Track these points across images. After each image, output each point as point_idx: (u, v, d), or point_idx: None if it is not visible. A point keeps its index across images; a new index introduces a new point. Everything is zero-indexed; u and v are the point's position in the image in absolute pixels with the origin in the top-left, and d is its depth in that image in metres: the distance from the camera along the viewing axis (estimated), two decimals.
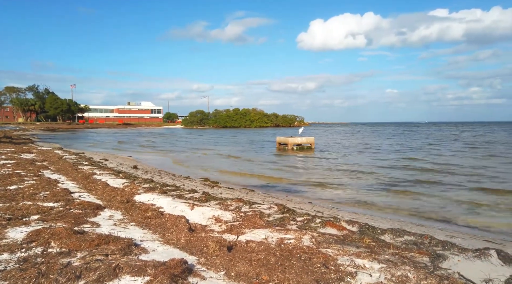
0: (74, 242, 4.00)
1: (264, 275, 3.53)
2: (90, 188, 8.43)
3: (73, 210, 5.86)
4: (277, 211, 6.73)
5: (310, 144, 31.22)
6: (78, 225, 4.95)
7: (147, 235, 4.84)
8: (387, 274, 3.65)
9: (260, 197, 9.83)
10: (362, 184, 13.83)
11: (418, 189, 12.47)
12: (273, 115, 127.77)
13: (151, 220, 5.63)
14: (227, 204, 7.16)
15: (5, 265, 3.42)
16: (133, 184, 8.91)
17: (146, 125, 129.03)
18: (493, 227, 7.97)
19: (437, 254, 4.36)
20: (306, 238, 4.81)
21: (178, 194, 8.15)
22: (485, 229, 7.82)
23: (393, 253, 4.34)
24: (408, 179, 14.56)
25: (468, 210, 9.52)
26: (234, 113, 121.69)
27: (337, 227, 5.53)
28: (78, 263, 3.50)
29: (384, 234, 5.27)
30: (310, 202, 10.03)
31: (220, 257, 3.98)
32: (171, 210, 6.33)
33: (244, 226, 5.44)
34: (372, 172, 17.05)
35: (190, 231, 5.03)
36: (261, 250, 4.31)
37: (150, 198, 7.23)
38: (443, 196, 11.29)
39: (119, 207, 6.52)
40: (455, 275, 3.77)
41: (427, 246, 4.78)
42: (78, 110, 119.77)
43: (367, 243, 4.74)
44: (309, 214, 6.56)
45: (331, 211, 8.27)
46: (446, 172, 16.58)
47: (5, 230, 4.53)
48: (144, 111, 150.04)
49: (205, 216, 6.07)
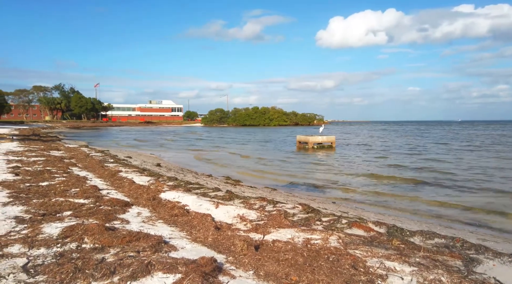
0: (106, 238, 4.11)
1: (293, 275, 3.52)
2: (117, 185, 8.64)
3: (103, 206, 6.02)
4: (301, 211, 6.69)
5: (331, 143, 30.89)
6: (109, 221, 5.08)
7: (175, 233, 4.92)
8: (419, 278, 3.57)
9: (283, 196, 9.81)
10: (386, 184, 13.57)
11: (447, 192, 12.12)
12: (292, 113, 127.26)
13: (177, 218, 5.71)
14: (251, 203, 7.18)
15: (43, 260, 3.55)
16: (158, 182, 9.07)
17: (167, 123, 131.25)
18: None
19: (470, 258, 4.23)
20: (333, 239, 4.77)
21: (202, 192, 8.24)
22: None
23: (424, 256, 4.23)
24: (432, 182, 14.19)
25: (496, 212, 9.18)
26: (253, 111, 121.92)
27: (364, 228, 5.45)
28: (111, 259, 3.60)
29: (413, 236, 5.15)
30: (334, 202, 9.93)
31: (248, 256, 3.99)
32: (196, 208, 6.41)
33: (270, 225, 5.44)
34: (397, 172, 16.72)
35: (216, 229, 5.08)
36: (288, 250, 4.30)
37: (175, 195, 7.34)
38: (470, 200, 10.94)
39: (146, 204, 6.65)
40: (491, 280, 3.64)
41: (460, 249, 4.65)
42: (102, 109, 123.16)
43: (396, 245, 4.65)
44: (334, 214, 6.49)
45: (356, 212, 8.15)
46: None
47: (41, 226, 4.70)
48: (165, 109, 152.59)
49: (230, 214, 6.11)
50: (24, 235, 4.29)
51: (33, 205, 5.87)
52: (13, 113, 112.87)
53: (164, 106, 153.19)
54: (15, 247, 3.88)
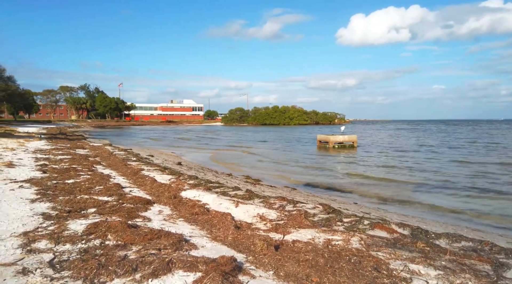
0: (129, 236, 4.19)
1: (314, 276, 3.47)
2: (139, 183, 8.80)
3: (125, 204, 6.14)
4: (322, 211, 6.61)
5: (353, 142, 30.39)
6: (131, 219, 5.18)
7: (195, 231, 4.96)
8: (445, 282, 3.45)
9: (303, 196, 9.72)
10: (410, 185, 13.24)
11: (470, 193, 11.70)
12: (312, 112, 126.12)
13: (198, 216, 5.76)
14: (270, 202, 7.16)
15: (68, 256, 3.65)
16: (179, 180, 9.18)
17: (188, 122, 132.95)
18: None
19: (500, 262, 4.05)
20: (355, 240, 4.68)
21: (222, 191, 8.28)
22: None
23: (450, 259, 4.09)
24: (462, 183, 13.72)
25: None
26: (273, 110, 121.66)
27: (387, 229, 5.32)
28: (134, 256, 3.66)
29: (439, 239, 4.99)
30: (356, 203, 9.76)
31: (268, 256, 3.97)
32: (216, 207, 6.44)
33: (290, 225, 5.40)
34: (423, 171, 16.28)
35: (236, 228, 5.08)
36: (308, 251, 4.25)
37: (195, 194, 7.41)
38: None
39: (167, 202, 6.74)
40: None
41: (488, 253, 4.46)
42: (125, 108, 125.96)
43: (421, 248, 4.51)
44: (356, 215, 6.38)
45: (379, 213, 7.98)
46: None
47: (66, 222, 4.84)
48: (186, 109, 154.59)
49: (250, 213, 6.10)
50: (51, 231, 4.43)
51: (59, 202, 6.06)
52: (41, 112, 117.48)
53: (185, 105, 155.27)
54: (42, 242, 4.01)
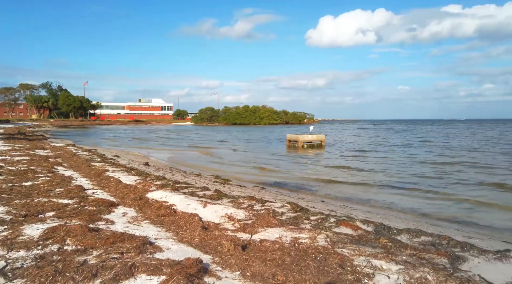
0: (89, 240, 4.01)
1: (280, 275, 3.48)
2: (103, 184, 8.49)
3: (87, 207, 5.90)
4: (290, 210, 6.67)
5: (321, 142, 31.02)
6: (93, 222, 4.97)
7: (161, 233, 4.84)
8: (406, 276, 3.57)
9: (272, 195, 9.78)
10: (374, 182, 13.67)
11: (429, 188, 12.26)
12: (282, 112, 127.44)
13: (164, 218, 5.63)
14: (239, 202, 7.13)
15: (22, 262, 3.44)
16: (146, 181, 8.94)
17: (156, 122, 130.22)
18: (510, 225, 7.78)
19: (456, 256, 4.26)
20: (321, 238, 4.75)
21: (191, 191, 8.16)
22: (504, 228, 7.64)
23: (411, 254, 4.24)
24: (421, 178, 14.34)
25: (477, 209, 9.32)
26: (244, 110, 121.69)
27: (351, 226, 5.44)
28: (94, 261, 3.51)
29: (400, 234, 5.17)
30: (323, 201, 9.94)
31: (235, 256, 3.94)
32: (184, 208, 6.33)
33: (258, 225, 5.40)
34: (385, 170, 16.86)
35: (203, 229, 5.01)
36: (275, 250, 4.26)
37: (162, 195, 7.24)
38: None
39: (133, 204, 6.54)
40: (476, 277, 3.66)
41: (445, 247, 4.68)
42: (90, 107, 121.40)
43: (383, 244, 4.65)
44: (322, 213, 6.49)
45: (345, 210, 8.17)
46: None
47: (22, 227, 4.57)
48: (155, 108, 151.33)
49: (218, 214, 6.04)
50: (3, 237, 4.16)
51: (15, 205, 5.71)
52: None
53: (153, 104, 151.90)
54: None
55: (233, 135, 52.68)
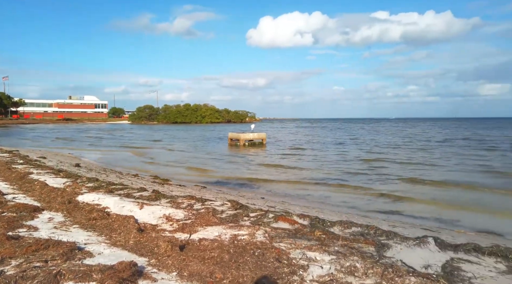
0: (7, 249, 3.64)
1: (218, 273, 3.48)
2: (26, 188, 7.76)
3: (6, 213, 5.34)
4: (230, 208, 6.70)
5: (262, 140, 31.58)
6: (12, 229, 4.52)
7: (92, 238, 4.56)
8: (337, 265, 3.79)
9: (213, 194, 9.73)
10: (311, 178, 14.26)
11: (359, 183, 13.14)
12: (224, 111, 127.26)
13: (96, 221, 5.31)
14: (178, 202, 6.99)
15: None
16: (76, 184, 8.35)
17: (89, 120, 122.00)
18: (428, 214, 8.64)
19: (382, 244, 4.62)
20: (260, 234, 4.84)
21: (126, 193, 7.80)
22: (423, 217, 8.46)
23: (342, 244, 4.51)
24: (356, 173, 15.30)
25: (400, 201, 10.23)
26: (185, 108, 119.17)
27: (289, 221, 5.63)
28: (12, 271, 3.19)
29: (333, 226, 5.47)
30: (263, 197, 10.13)
31: (172, 257, 3.86)
32: (118, 210, 6.03)
33: (197, 224, 5.34)
34: (322, 166, 17.68)
35: (139, 231, 4.83)
36: (214, 248, 4.26)
37: (95, 197, 6.82)
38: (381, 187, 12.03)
39: (60, 208, 6.07)
40: (398, 262, 4.01)
41: (373, 236, 5.05)
42: (12, 105, 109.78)
43: (318, 236, 4.88)
44: (262, 209, 6.61)
45: (283, 206, 8.41)
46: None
47: None
48: (88, 106, 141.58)
49: (156, 215, 5.86)
50: None
51: None
52: None
53: (86, 102, 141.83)
54: None
55: (171, 135, 51.27)
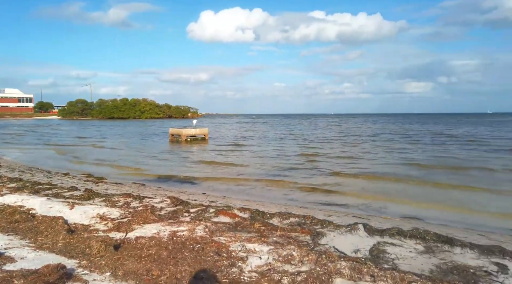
0: None
1: (155, 270, 3.41)
2: None
3: None
4: (170, 204, 6.55)
5: (204, 135, 31.24)
6: None
7: (13, 242, 4.17)
8: (275, 255, 3.91)
9: (152, 191, 9.43)
10: (253, 173, 14.48)
11: (298, 176, 13.68)
12: (165, 106, 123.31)
13: (19, 224, 4.87)
14: (114, 200, 6.67)
15: None
16: None
17: (12, 116, 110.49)
18: (359, 203, 9.29)
19: (317, 232, 4.86)
20: (200, 229, 4.81)
21: (55, 193, 7.24)
22: (354, 206, 9.07)
23: (280, 235, 4.67)
24: (294, 167, 15.84)
25: (335, 193, 10.86)
26: (122, 103, 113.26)
27: (230, 215, 5.67)
28: None
29: (272, 218, 5.62)
30: (204, 193, 10.07)
31: (106, 257, 3.69)
32: (45, 211, 5.58)
33: (134, 222, 5.15)
34: (263, 161, 18.02)
35: (69, 232, 4.52)
36: (152, 246, 4.15)
37: (17, 199, 6.24)
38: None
39: None
40: (331, 249, 4.26)
41: (309, 225, 5.29)
42: None
43: (258, 228, 4.99)
44: (202, 205, 6.57)
45: (225, 200, 8.44)
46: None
47: None
48: (9, 99, 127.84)
49: (88, 214, 5.53)
50: None
51: None
52: None
53: (7, 95, 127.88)
54: None
55: (104, 131, 48.40)
